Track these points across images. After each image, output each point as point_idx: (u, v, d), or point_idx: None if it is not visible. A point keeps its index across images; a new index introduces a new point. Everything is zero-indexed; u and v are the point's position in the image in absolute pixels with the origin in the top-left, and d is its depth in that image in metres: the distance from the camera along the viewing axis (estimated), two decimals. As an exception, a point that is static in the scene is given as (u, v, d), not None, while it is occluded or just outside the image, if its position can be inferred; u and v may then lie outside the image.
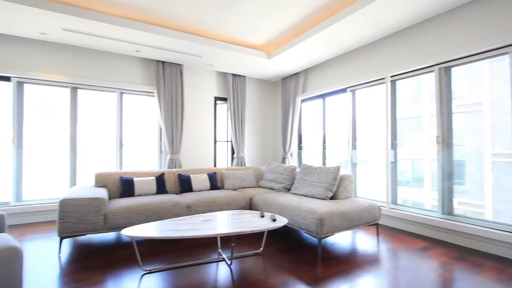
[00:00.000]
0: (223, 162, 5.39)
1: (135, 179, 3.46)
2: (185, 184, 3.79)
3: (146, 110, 4.67)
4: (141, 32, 3.45)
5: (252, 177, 4.38)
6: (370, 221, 3.06)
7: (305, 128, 5.41)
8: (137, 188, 3.40)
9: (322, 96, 4.87)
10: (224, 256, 2.57)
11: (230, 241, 3.04)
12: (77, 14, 3.07)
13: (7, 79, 3.71)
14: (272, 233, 3.34)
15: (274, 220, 2.49)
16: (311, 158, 5.26)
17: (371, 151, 4.28)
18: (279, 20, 3.50)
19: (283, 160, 5.40)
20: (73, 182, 4.09)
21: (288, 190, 3.95)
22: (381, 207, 3.65)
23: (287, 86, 5.43)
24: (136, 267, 2.38)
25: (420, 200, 4.17)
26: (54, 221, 3.83)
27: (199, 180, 3.89)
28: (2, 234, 2.06)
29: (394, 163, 3.75)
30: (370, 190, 4.30)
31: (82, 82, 4.05)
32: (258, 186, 4.38)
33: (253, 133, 5.64)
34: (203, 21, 3.50)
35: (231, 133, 5.22)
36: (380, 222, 3.75)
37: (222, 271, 2.30)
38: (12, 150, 3.74)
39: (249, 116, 5.59)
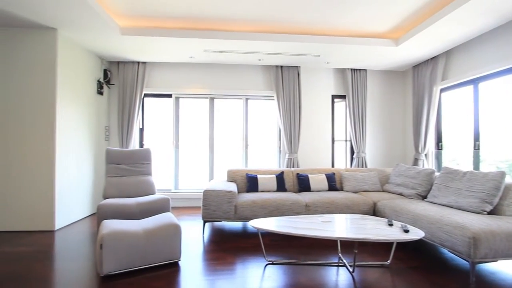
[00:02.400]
0: (342, 163, 5.14)
1: (258, 176, 3.81)
2: (303, 184, 3.85)
3: (267, 113, 5.06)
4: (264, 42, 3.75)
5: (375, 180, 3.96)
6: None
7: (446, 124, 4.41)
8: (260, 185, 3.72)
9: (473, 81, 3.83)
10: (345, 261, 2.43)
11: (350, 246, 2.85)
12: (214, 36, 3.68)
13: (169, 96, 4.89)
14: (402, 245, 2.90)
15: (406, 231, 2.14)
16: (455, 160, 4.23)
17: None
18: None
19: (415, 161, 4.60)
20: (211, 176, 4.93)
21: (423, 197, 3.33)
22: None
23: (420, 75, 4.60)
24: (260, 256, 2.60)
25: None
26: (199, 207, 4.73)
27: (317, 180, 3.86)
28: (168, 213, 2.71)
29: None
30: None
31: (217, 93, 4.83)
32: (383, 191, 3.92)
33: (376, 131, 5.09)
34: (319, 19, 3.46)
35: (350, 132, 4.91)
36: None
37: (343, 277, 2.18)
38: (173, 150, 4.90)
39: (371, 113, 5.08)
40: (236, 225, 3.66)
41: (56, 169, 3.36)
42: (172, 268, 2.32)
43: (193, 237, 3.15)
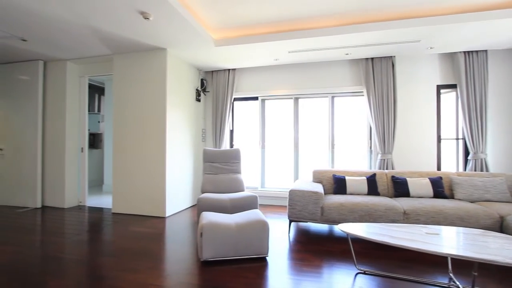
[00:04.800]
0: (451, 165, 4.30)
1: (347, 177, 3.59)
2: (400, 188, 3.42)
3: (355, 110, 4.71)
4: (352, 34, 3.51)
5: (502, 188, 3.16)
6: None
7: None
8: (349, 187, 3.50)
9: None
10: (458, 284, 2.02)
11: (464, 266, 2.35)
12: (298, 36, 3.67)
13: (256, 98, 5.15)
14: (549, 276, 2.21)
15: (556, 257, 1.62)
16: None
17: None
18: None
19: None
20: (296, 176, 4.94)
21: None
22: None
23: None
24: (350, 263, 2.43)
25: None
26: (284, 206, 4.80)
27: (418, 185, 3.35)
28: (256, 210, 2.84)
29: None
30: None
31: (302, 92, 4.80)
32: (515, 202, 3.08)
33: (501, 126, 4.04)
34: (420, 0, 2.99)
35: (464, 128, 4.06)
36: None
37: (456, 303, 1.82)
38: (259, 150, 5.13)
39: (494, 104, 4.06)
40: (322, 227, 3.54)
41: (166, 166, 4.00)
42: (260, 263, 2.42)
43: (279, 235, 3.22)
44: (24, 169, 4.58)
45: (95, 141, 6.64)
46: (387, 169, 4.19)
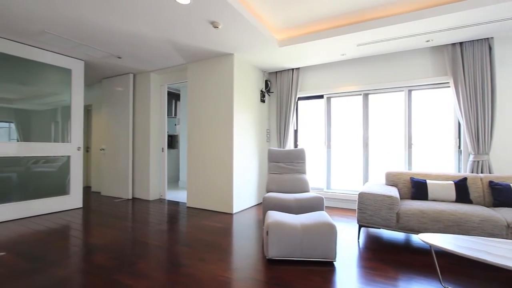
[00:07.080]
0: None
1: (428, 181, 3.15)
2: (501, 196, 2.83)
3: (438, 104, 4.11)
4: (434, 18, 3.07)
5: None
6: None
7: None
8: (431, 192, 3.07)
9: None
10: None
11: None
12: (368, 27, 3.39)
13: (321, 97, 4.98)
14: None
15: None
16: None
17: None
18: None
19: None
20: (365, 178, 4.58)
21: None
22: None
23: None
24: (433, 279, 2.13)
25: None
26: (351, 209, 4.51)
27: (528, 193, 2.72)
28: (323, 212, 2.74)
29: None
30: None
31: (372, 88, 4.43)
32: None
33: None
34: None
35: None
36: None
37: None
38: (324, 150, 4.94)
39: None
40: (397, 235, 3.19)
41: (233, 165, 4.21)
42: (327, 267, 2.33)
43: (347, 240, 3.03)
44: (120, 166, 5.44)
45: (172, 142, 7.44)
46: (482, 172, 3.53)
